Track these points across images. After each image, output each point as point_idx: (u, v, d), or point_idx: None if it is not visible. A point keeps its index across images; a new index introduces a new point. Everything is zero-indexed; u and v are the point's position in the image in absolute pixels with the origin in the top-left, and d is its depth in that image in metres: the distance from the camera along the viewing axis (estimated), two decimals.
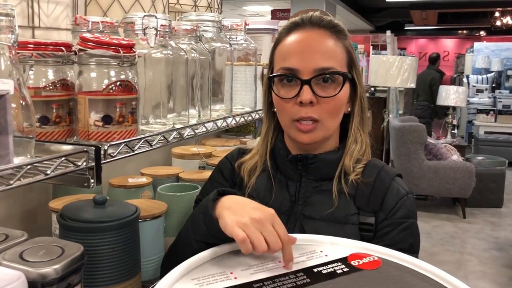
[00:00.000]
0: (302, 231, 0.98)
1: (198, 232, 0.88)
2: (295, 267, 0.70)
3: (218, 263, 0.71)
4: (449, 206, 5.41)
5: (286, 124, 1.02)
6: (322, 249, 0.76)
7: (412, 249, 0.99)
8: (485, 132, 8.18)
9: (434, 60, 8.27)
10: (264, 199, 1.04)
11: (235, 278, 0.66)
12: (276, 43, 1.04)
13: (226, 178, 1.14)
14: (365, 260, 0.73)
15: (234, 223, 0.78)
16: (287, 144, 1.06)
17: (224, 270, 0.69)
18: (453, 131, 6.69)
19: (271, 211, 0.82)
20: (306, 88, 0.95)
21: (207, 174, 1.49)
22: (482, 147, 7.54)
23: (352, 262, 0.72)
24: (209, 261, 0.71)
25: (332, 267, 0.70)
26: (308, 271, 0.69)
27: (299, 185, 1.03)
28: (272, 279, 0.66)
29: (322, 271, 0.69)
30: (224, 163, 1.18)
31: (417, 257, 1.00)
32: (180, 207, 1.29)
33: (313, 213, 0.99)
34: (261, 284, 0.65)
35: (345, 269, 0.70)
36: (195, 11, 1.80)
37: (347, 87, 1.01)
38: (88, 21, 1.09)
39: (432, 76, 7.98)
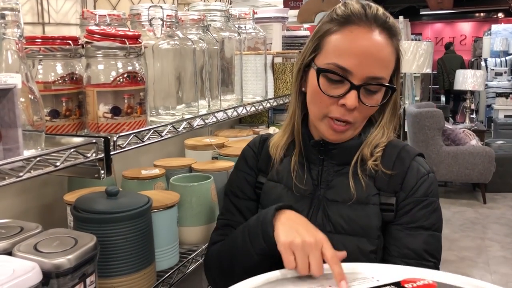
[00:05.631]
0: (326, 214, 1.00)
1: (259, 247, 0.92)
2: None
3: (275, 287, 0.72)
4: (469, 192, 5.32)
5: (317, 115, 0.99)
6: (373, 275, 0.76)
7: (434, 227, 0.99)
8: (505, 116, 8.01)
9: (449, 45, 10.50)
10: (287, 182, 1.05)
11: None
12: (331, 30, 0.96)
13: (251, 166, 1.14)
14: (419, 283, 0.71)
15: (287, 244, 0.85)
16: (310, 129, 1.06)
17: None
18: (471, 116, 6.57)
19: (322, 236, 0.86)
20: (353, 93, 0.93)
21: (219, 164, 1.49)
22: (502, 131, 7.36)
23: (406, 285, 0.70)
24: (265, 285, 0.71)
25: None
26: None
27: (321, 169, 1.04)
28: None
29: None
30: (247, 151, 1.17)
31: (440, 236, 0.99)
32: (193, 197, 1.30)
33: (335, 196, 1.01)
34: None
35: None
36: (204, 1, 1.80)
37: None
38: (95, 15, 1.09)
39: (461, 58, 9.78)
